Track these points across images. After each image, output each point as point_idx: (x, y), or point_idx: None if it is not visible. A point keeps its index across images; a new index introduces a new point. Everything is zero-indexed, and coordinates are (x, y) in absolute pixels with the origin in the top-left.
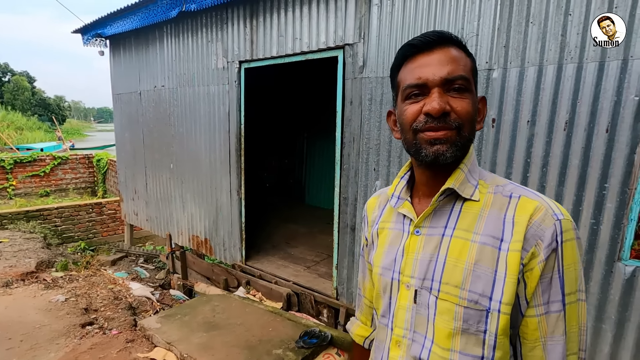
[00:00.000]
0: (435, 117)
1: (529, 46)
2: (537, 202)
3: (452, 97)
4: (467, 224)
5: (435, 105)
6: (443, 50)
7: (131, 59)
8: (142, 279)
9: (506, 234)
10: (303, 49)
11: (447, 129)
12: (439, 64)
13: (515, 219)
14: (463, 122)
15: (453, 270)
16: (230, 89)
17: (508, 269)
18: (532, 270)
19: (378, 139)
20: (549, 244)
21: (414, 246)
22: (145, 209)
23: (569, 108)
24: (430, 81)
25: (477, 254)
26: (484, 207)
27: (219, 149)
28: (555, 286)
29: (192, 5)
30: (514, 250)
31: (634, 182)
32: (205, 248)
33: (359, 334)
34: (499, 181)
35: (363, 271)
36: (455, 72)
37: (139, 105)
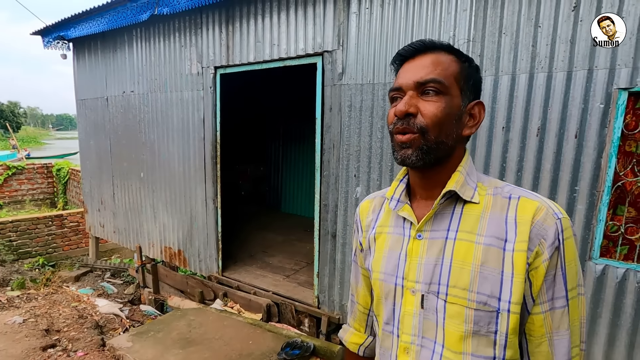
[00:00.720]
0: (400, 118)
1: (502, 56)
2: (537, 202)
3: (423, 100)
4: (470, 226)
5: (400, 106)
6: (424, 57)
7: (97, 63)
8: (109, 295)
9: (509, 234)
10: (281, 55)
11: (410, 131)
12: (415, 69)
13: (518, 220)
14: (428, 125)
15: (460, 272)
16: (205, 95)
17: (515, 269)
18: (537, 268)
19: (358, 145)
20: (552, 243)
21: (417, 250)
22: (113, 220)
23: (540, 115)
24: (404, 85)
25: (483, 256)
26: (484, 209)
27: (193, 157)
28: (559, 283)
29: (165, 9)
30: (520, 250)
31: (602, 185)
32: (179, 260)
33: (353, 341)
34: (496, 183)
35: (356, 277)
36: (428, 76)
37: (106, 112)
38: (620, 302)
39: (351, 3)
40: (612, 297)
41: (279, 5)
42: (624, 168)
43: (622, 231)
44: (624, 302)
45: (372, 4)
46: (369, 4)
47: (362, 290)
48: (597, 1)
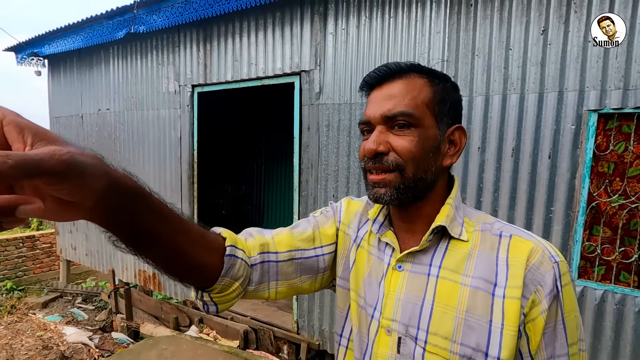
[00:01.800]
0: (370, 157)
1: (476, 77)
2: (531, 242)
3: (395, 135)
4: (454, 264)
5: (369, 145)
6: (391, 84)
7: (72, 80)
8: (79, 322)
9: (500, 277)
10: (259, 75)
11: (385, 170)
12: (382, 100)
13: (510, 261)
14: (404, 162)
15: (442, 318)
16: (182, 114)
17: (506, 319)
18: (534, 320)
19: (336, 165)
20: (551, 290)
21: (395, 283)
22: (85, 242)
23: (514, 136)
24: (372, 119)
25: (469, 300)
26: (472, 247)
27: (169, 176)
28: (560, 338)
29: (141, 27)
30: (512, 297)
31: (577, 206)
32: (153, 283)
33: (235, 238)
34: (485, 219)
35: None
36: (395, 109)
37: (80, 130)
38: (600, 324)
39: (328, 24)
40: (591, 319)
41: (257, 25)
42: (598, 188)
43: (599, 252)
44: (604, 324)
45: (348, 25)
46: (345, 25)
47: (297, 237)
48: (565, 26)
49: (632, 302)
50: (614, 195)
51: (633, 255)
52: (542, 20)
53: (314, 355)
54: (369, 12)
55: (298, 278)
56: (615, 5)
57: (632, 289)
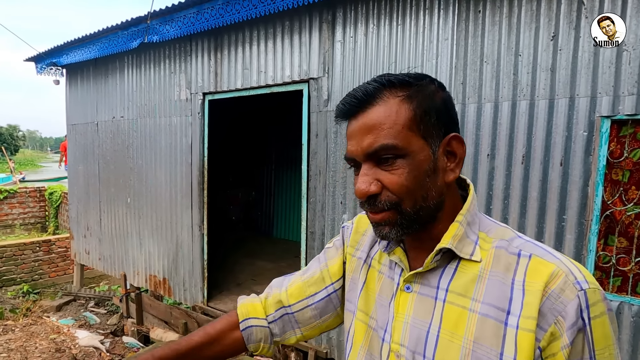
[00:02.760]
0: (365, 201)
1: (485, 84)
2: (553, 265)
3: (383, 170)
4: (462, 287)
5: (360, 186)
6: (364, 114)
7: (89, 88)
8: (91, 326)
9: (514, 304)
10: (268, 82)
11: (381, 210)
12: (360, 134)
13: (526, 287)
14: (400, 198)
15: (448, 347)
16: (193, 121)
17: (519, 354)
18: (554, 356)
19: (344, 172)
20: (574, 323)
21: (404, 306)
22: (98, 246)
23: (525, 142)
24: (356, 156)
25: (478, 329)
26: (484, 267)
27: (180, 182)
28: None
29: (155, 37)
30: (526, 330)
31: (590, 214)
32: (163, 289)
33: (247, 309)
34: (504, 234)
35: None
36: (376, 143)
37: (96, 137)
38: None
39: (336, 32)
40: None
41: (266, 34)
42: (612, 197)
43: (614, 262)
44: (620, 337)
45: (356, 32)
46: (353, 32)
47: (306, 283)
48: (575, 31)
49: None
50: (629, 204)
51: None
52: (552, 26)
53: None
54: (377, 19)
55: (318, 320)
56: (628, 10)
57: None
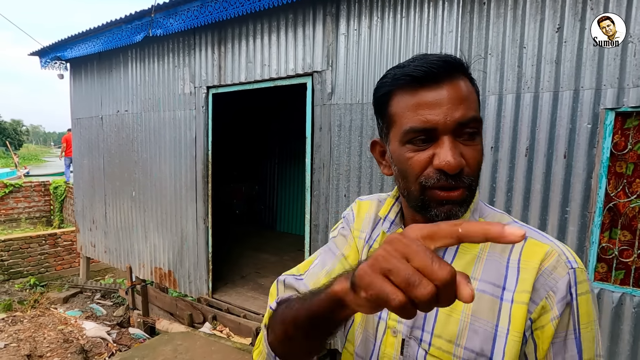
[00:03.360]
0: (451, 174)
1: (489, 76)
2: (547, 245)
3: (465, 145)
4: (462, 266)
5: (451, 160)
6: (452, 84)
7: (93, 82)
8: (97, 318)
9: (509, 281)
10: (272, 76)
11: (460, 187)
12: (450, 104)
13: (522, 265)
14: (474, 177)
15: (446, 321)
16: (197, 114)
17: (512, 325)
18: (543, 328)
19: (348, 165)
20: (563, 297)
21: None
22: (104, 240)
23: (528, 135)
24: (442, 126)
25: (475, 304)
26: (482, 249)
27: (184, 176)
28: (570, 350)
29: (159, 30)
30: (520, 302)
31: (593, 206)
32: (168, 281)
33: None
34: (501, 219)
35: (325, 261)
36: (469, 114)
37: (100, 131)
38: (618, 328)
39: (340, 25)
40: (608, 323)
41: (270, 27)
42: (616, 189)
43: (617, 254)
44: (621, 328)
45: (360, 25)
46: (357, 25)
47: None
48: (580, 23)
49: None
50: (633, 196)
51: None
52: (557, 17)
53: (325, 354)
54: (381, 12)
55: None
56: (634, 2)
57: None
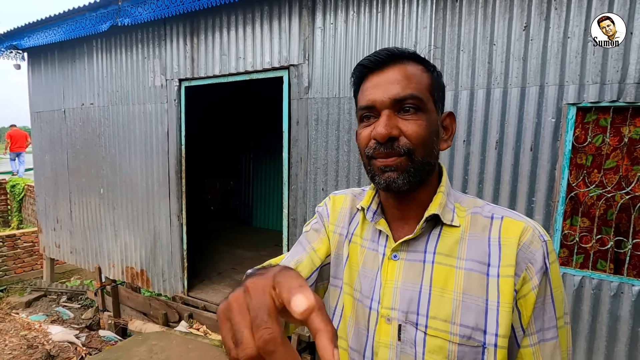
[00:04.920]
0: (382, 142)
1: (461, 72)
2: (522, 222)
3: (403, 119)
4: (447, 248)
5: (380, 130)
6: (394, 68)
7: (54, 73)
8: (64, 321)
9: (493, 257)
10: (247, 69)
11: (396, 154)
12: (388, 84)
13: (502, 241)
14: (414, 147)
15: (440, 301)
16: (169, 108)
17: (501, 297)
18: (526, 296)
19: (325, 158)
20: (541, 267)
21: (392, 273)
22: (70, 239)
23: (498, 129)
24: (379, 102)
25: (465, 282)
26: (464, 230)
27: (156, 172)
28: (549, 312)
29: (126, 20)
30: (506, 276)
31: (556, 196)
32: (141, 280)
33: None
34: (475, 202)
35: (298, 254)
36: (405, 91)
37: (63, 125)
38: (579, 309)
39: (316, 18)
40: (570, 304)
41: (245, 19)
42: (577, 179)
43: (577, 240)
44: (582, 308)
45: (336, 19)
46: (333, 19)
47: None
48: (545, 22)
49: (608, 286)
50: (591, 186)
51: (609, 242)
52: (524, 16)
53: (304, 347)
54: (357, 7)
55: None
56: (593, 3)
57: (608, 274)
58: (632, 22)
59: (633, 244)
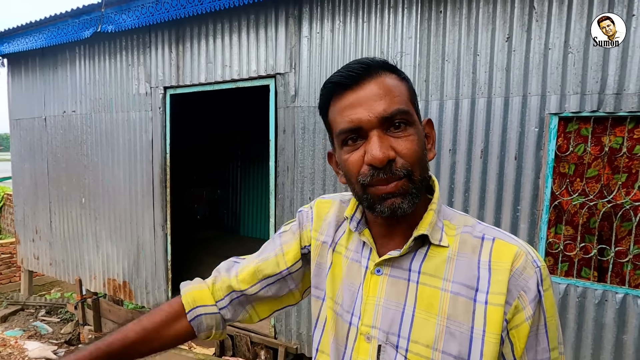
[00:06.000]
0: (380, 167)
1: (446, 81)
2: (515, 246)
3: (395, 137)
4: (434, 268)
5: (376, 153)
6: (372, 82)
7: (35, 80)
8: (42, 336)
9: (482, 282)
10: (233, 77)
11: (396, 179)
12: (370, 101)
13: (493, 266)
14: (412, 166)
15: (423, 325)
16: (154, 116)
17: (488, 326)
18: (518, 327)
19: (312, 167)
20: (535, 296)
21: (374, 288)
22: (49, 251)
23: (483, 138)
24: (366, 123)
25: (450, 307)
26: (452, 250)
27: (140, 181)
28: (542, 342)
29: (110, 26)
30: (495, 304)
31: (541, 204)
32: (123, 292)
33: (193, 297)
34: (466, 221)
35: (267, 252)
36: (392, 107)
37: (44, 133)
38: (564, 317)
39: (302, 27)
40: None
41: (231, 27)
42: (560, 188)
43: (562, 248)
44: (567, 317)
45: (322, 28)
46: (319, 28)
47: (259, 268)
48: (527, 34)
49: (592, 294)
50: (574, 194)
51: (592, 250)
52: (507, 28)
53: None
54: (343, 16)
55: (274, 297)
56: (572, 16)
57: (592, 282)
58: None
59: (615, 251)
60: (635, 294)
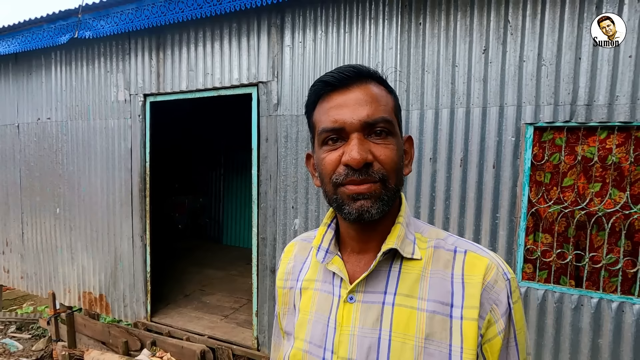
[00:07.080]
0: (356, 169)
1: (426, 91)
2: (487, 259)
3: (375, 144)
4: (408, 288)
5: (355, 155)
6: (361, 88)
7: (8, 86)
8: (12, 354)
9: (456, 297)
10: (215, 85)
11: (370, 181)
12: (356, 104)
13: (466, 279)
14: (388, 173)
15: (402, 349)
16: (133, 124)
17: (465, 342)
18: (491, 341)
19: (295, 176)
20: (506, 309)
21: (348, 317)
22: (21, 264)
23: (462, 147)
24: (349, 125)
25: (428, 326)
26: (425, 266)
27: (119, 190)
28: (512, 356)
29: (87, 32)
30: (470, 319)
31: (518, 212)
32: (100, 306)
33: None
34: (437, 234)
35: (278, 336)
36: (376, 114)
37: (16, 140)
38: (543, 322)
39: (285, 36)
40: (535, 318)
41: (213, 35)
42: (537, 196)
43: (539, 255)
44: (546, 322)
45: (305, 38)
46: (302, 38)
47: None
48: (503, 46)
49: (569, 299)
50: (550, 202)
51: (568, 256)
52: (484, 40)
53: None
54: (325, 26)
55: None
56: (545, 30)
57: (568, 287)
58: (579, 48)
59: (591, 258)
60: (609, 298)
